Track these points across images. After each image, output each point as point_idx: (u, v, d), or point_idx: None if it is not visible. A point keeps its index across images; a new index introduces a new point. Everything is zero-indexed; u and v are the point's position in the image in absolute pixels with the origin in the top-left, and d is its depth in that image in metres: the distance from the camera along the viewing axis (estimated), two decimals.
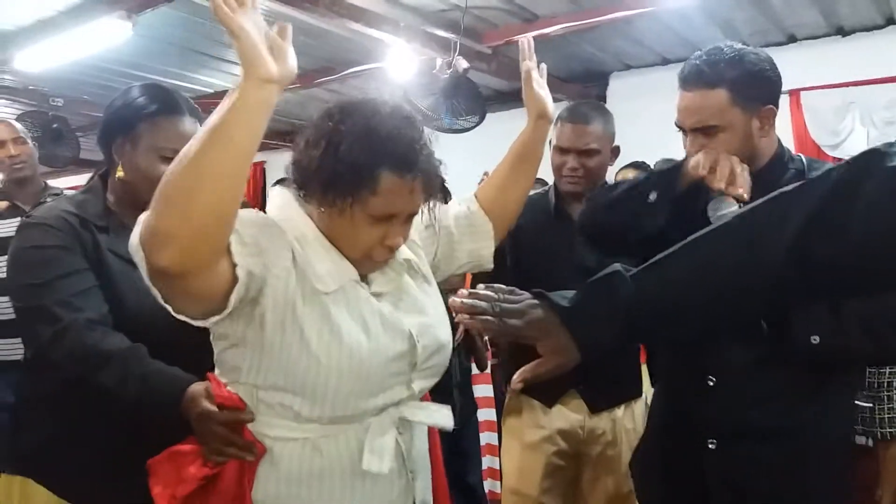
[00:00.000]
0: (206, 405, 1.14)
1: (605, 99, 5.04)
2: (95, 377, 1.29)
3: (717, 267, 0.95)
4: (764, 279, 0.92)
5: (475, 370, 3.04)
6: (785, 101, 4.15)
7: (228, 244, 1.00)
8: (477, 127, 3.79)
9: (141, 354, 1.31)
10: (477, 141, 3.83)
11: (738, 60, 1.40)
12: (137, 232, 0.95)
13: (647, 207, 1.45)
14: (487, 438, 3.12)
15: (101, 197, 1.49)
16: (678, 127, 1.49)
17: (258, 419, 1.13)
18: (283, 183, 1.24)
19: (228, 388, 1.14)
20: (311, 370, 1.08)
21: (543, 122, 1.47)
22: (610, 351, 1.03)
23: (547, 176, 2.26)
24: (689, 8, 3.62)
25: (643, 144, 3.55)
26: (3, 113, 5.39)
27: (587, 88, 5.08)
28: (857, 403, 2.70)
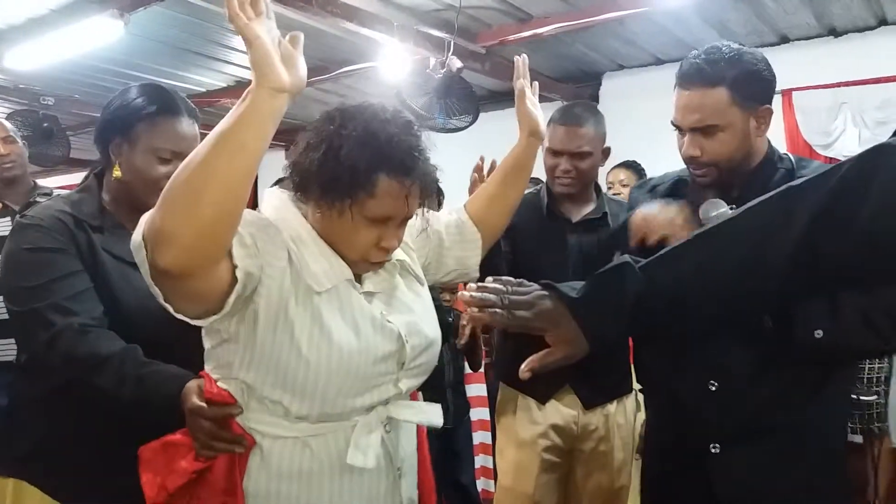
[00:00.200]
0: (195, 401, 1.15)
1: (598, 99, 5.04)
2: (92, 381, 1.29)
3: (724, 261, 0.95)
4: (771, 273, 0.92)
5: (468, 369, 3.04)
6: (777, 100, 4.16)
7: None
8: (470, 126, 3.79)
9: (136, 355, 1.31)
10: (471, 140, 3.82)
11: (737, 59, 1.38)
12: (140, 231, 0.96)
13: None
14: (481, 437, 3.12)
15: (96, 196, 1.49)
16: (675, 126, 1.46)
17: (249, 416, 1.15)
18: (281, 183, 1.25)
19: (220, 383, 1.16)
20: (300, 369, 1.10)
21: (535, 139, 1.54)
22: (618, 341, 1.03)
23: (538, 173, 2.26)
24: (682, 8, 3.63)
25: (636, 144, 3.56)
26: None
27: (580, 88, 5.08)
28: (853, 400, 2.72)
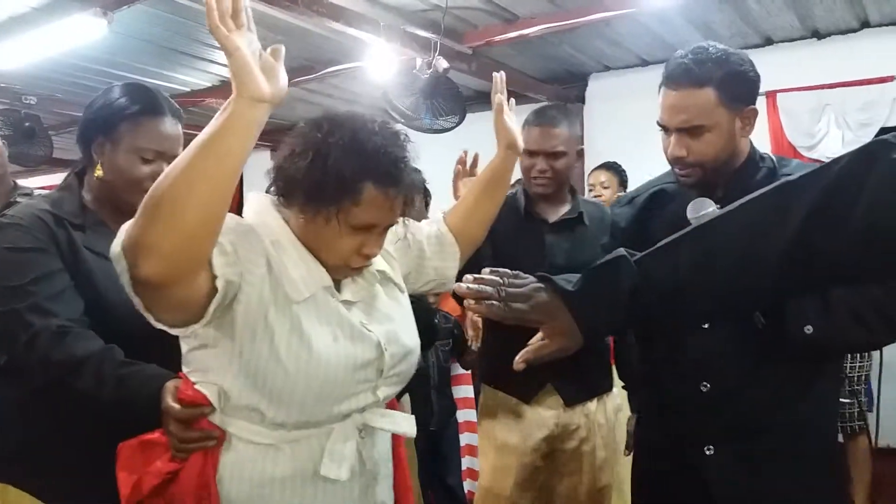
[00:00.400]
0: (168, 402, 1.16)
1: (584, 100, 5.06)
2: (71, 383, 1.28)
3: (719, 257, 0.95)
4: (766, 270, 0.92)
5: (454, 371, 3.04)
6: (761, 102, 4.17)
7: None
8: (457, 127, 3.79)
9: (114, 356, 1.30)
10: (457, 141, 3.81)
11: (724, 60, 1.38)
12: (119, 241, 0.96)
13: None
14: (467, 439, 3.11)
15: (76, 195, 1.48)
16: (661, 126, 1.45)
17: (225, 419, 1.15)
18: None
19: (198, 386, 1.16)
20: (278, 376, 1.10)
21: (512, 152, 1.56)
22: (613, 334, 1.03)
23: (515, 176, 2.27)
24: (668, 10, 3.65)
25: (622, 145, 3.58)
26: None
27: (566, 89, 5.09)
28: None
